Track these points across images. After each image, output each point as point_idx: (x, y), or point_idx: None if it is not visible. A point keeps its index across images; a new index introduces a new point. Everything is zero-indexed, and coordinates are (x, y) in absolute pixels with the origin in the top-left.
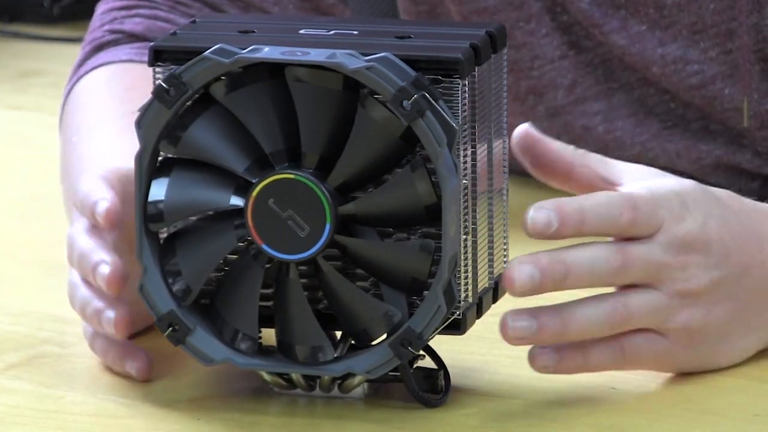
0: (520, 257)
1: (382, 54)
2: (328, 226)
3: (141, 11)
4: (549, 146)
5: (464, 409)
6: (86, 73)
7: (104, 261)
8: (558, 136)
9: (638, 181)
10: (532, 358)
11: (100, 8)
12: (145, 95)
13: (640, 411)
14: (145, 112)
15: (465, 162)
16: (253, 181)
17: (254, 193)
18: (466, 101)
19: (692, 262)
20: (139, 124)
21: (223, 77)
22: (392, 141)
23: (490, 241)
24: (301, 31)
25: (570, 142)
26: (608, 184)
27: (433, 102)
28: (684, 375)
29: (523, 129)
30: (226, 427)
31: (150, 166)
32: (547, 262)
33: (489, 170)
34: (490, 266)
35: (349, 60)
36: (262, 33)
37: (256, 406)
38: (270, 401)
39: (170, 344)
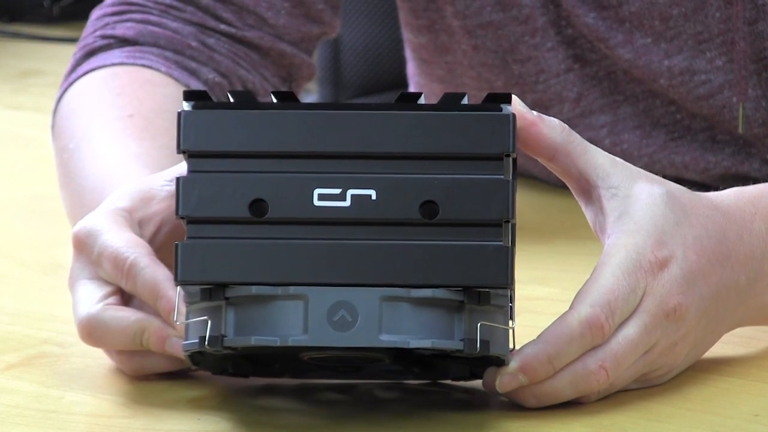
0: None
1: (430, 295)
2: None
3: (133, 16)
4: (539, 132)
5: (464, 408)
6: (77, 78)
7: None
8: None
9: (613, 211)
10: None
11: (93, 15)
12: (135, 98)
13: (640, 411)
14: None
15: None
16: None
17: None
18: (514, 302)
19: (681, 310)
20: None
21: None
22: None
23: None
24: (316, 202)
25: None
26: (584, 181)
27: (488, 344)
28: (684, 375)
29: (515, 109)
30: (226, 427)
31: None
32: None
33: None
34: None
35: (403, 339)
36: (275, 206)
37: (256, 406)
38: (271, 401)
39: None
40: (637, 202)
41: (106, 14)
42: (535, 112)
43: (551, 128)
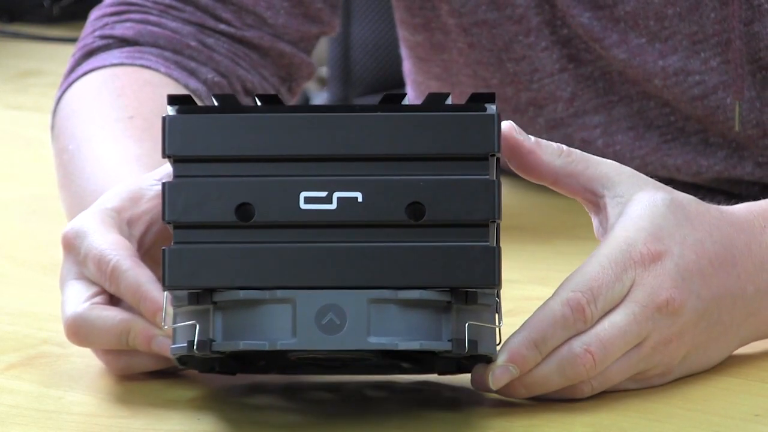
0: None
1: (417, 297)
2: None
3: (132, 16)
4: (538, 159)
5: (464, 408)
6: (77, 78)
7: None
8: None
9: (614, 205)
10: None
11: (92, 15)
12: (135, 99)
13: (640, 411)
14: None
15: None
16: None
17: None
18: (501, 304)
19: (673, 305)
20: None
21: None
22: None
23: None
24: (302, 205)
25: None
26: (590, 194)
27: (476, 343)
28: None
29: (512, 137)
30: (226, 427)
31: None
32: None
33: None
34: None
35: (391, 341)
36: (261, 210)
37: (256, 405)
38: (270, 401)
39: None
40: (637, 205)
41: (105, 14)
42: (532, 138)
43: (550, 154)
